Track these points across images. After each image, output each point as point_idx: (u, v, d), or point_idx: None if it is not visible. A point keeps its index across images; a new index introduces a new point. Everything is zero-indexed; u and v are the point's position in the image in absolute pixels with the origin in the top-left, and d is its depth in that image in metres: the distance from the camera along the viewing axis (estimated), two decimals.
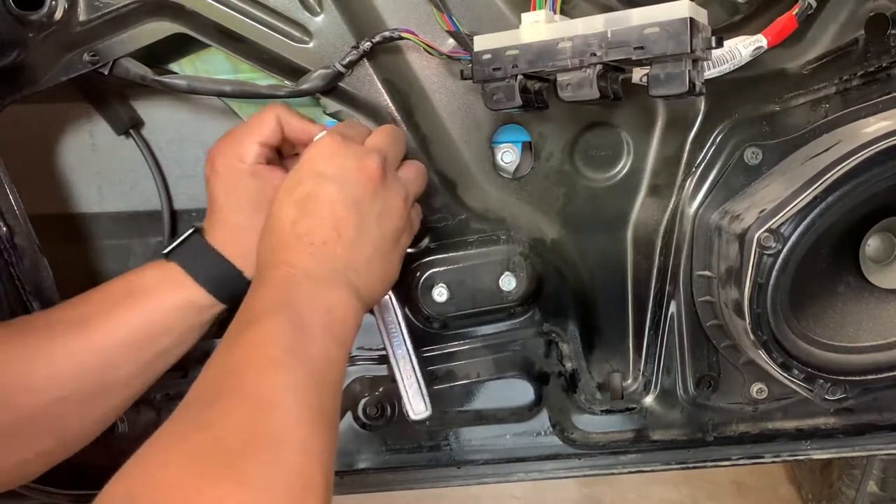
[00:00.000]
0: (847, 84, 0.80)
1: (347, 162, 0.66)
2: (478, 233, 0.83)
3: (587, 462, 0.91)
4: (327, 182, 0.65)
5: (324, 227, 0.64)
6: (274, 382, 0.54)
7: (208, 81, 0.79)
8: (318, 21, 0.76)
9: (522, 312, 0.87)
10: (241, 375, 0.55)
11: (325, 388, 0.57)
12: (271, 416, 0.52)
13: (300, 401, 0.54)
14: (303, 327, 0.58)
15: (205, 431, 0.50)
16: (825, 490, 1.64)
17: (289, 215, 0.65)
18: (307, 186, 0.65)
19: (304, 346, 0.57)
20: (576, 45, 0.64)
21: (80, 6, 0.74)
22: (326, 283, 0.63)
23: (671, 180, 0.83)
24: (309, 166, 0.67)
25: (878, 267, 0.78)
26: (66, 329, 0.70)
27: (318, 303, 0.61)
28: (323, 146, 0.67)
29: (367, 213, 0.66)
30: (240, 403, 0.53)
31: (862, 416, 0.91)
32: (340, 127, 0.72)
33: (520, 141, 0.83)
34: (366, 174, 0.66)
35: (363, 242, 0.65)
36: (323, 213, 0.64)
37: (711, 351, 0.87)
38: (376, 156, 0.67)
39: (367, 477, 0.90)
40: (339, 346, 0.61)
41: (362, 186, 0.66)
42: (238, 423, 0.51)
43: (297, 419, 0.53)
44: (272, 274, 0.63)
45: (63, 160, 0.89)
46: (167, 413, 0.85)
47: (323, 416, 0.55)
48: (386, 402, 0.86)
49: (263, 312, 0.59)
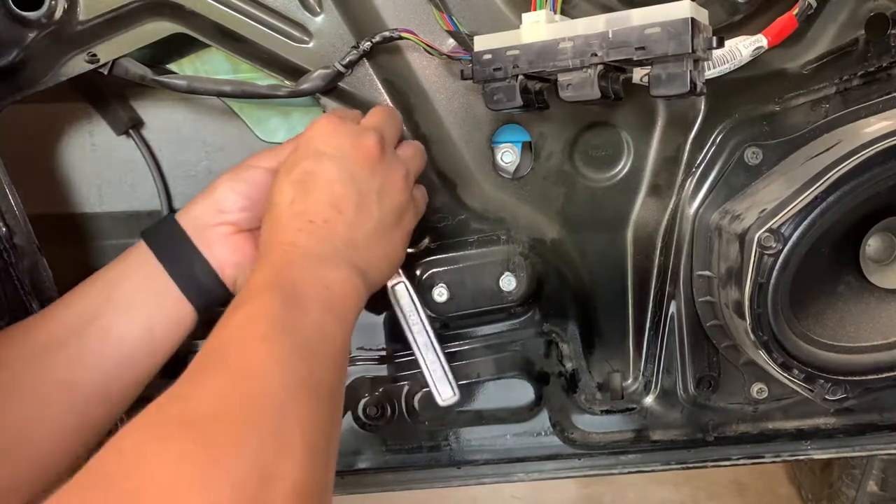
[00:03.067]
0: (847, 84, 0.80)
1: (344, 140, 0.66)
2: (478, 233, 0.83)
3: (587, 462, 0.91)
4: (325, 160, 0.65)
5: (323, 204, 0.64)
6: (257, 354, 0.52)
7: (208, 81, 0.79)
8: (318, 21, 0.76)
9: (522, 312, 0.87)
10: (225, 351, 0.53)
11: (316, 360, 0.54)
12: (249, 384, 0.50)
13: (283, 371, 0.51)
14: (296, 302, 0.56)
15: (177, 401, 0.49)
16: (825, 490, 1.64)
17: (287, 195, 0.64)
18: (305, 165, 0.65)
19: (294, 320, 0.55)
20: (577, 45, 0.64)
21: (80, 6, 0.74)
22: (326, 261, 0.62)
23: (671, 180, 0.83)
24: (306, 146, 0.67)
25: (878, 267, 0.78)
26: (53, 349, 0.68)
27: (315, 280, 0.60)
28: (320, 126, 0.67)
29: (367, 189, 0.65)
30: (217, 374, 0.51)
31: (862, 417, 0.91)
32: (336, 110, 0.72)
33: (520, 141, 0.83)
34: (363, 151, 0.66)
35: (363, 220, 0.65)
36: (322, 192, 0.64)
37: (712, 351, 0.87)
38: (373, 133, 0.67)
39: (367, 477, 0.90)
40: (338, 321, 0.59)
41: (360, 163, 0.65)
42: (212, 392, 0.49)
43: (278, 386, 0.50)
44: (271, 254, 0.62)
45: (63, 160, 0.89)
46: None
47: (310, 385, 0.52)
48: (386, 402, 0.85)
49: (257, 291, 0.58)
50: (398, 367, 0.85)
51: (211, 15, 0.75)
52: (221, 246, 0.72)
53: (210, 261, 0.71)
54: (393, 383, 0.86)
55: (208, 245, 0.71)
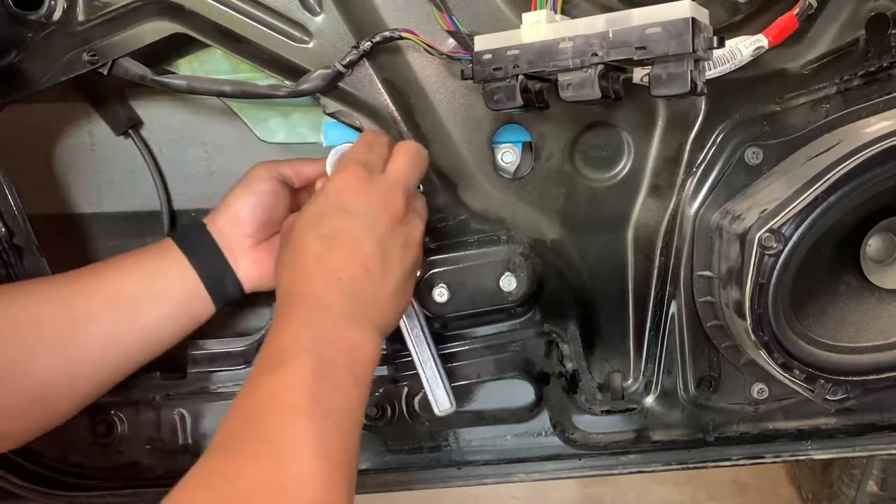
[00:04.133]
0: (848, 84, 0.80)
1: (375, 200, 0.66)
2: (478, 233, 0.83)
3: (588, 462, 0.91)
4: (354, 219, 0.65)
5: (352, 263, 0.64)
6: (295, 431, 0.55)
7: (208, 81, 0.78)
8: (318, 21, 0.76)
9: (523, 313, 0.87)
10: (263, 422, 0.56)
11: (346, 435, 0.59)
12: (290, 467, 0.54)
13: (320, 452, 0.55)
14: (326, 370, 0.59)
15: (227, 482, 0.53)
16: (825, 490, 1.64)
17: (314, 249, 0.64)
18: (334, 222, 0.65)
19: (327, 392, 0.58)
20: (577, 45, 0.64)
21: (80, 6, 0.74)
22: (351, 320, 0.63)
23: (672, 180, 0.83)
24: (335, 200, 0.67)
25: (878, 267, 0.78)
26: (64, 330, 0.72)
27: (343, 344, 0.62)
28: (349, 180, 0.67)
29: (392, 247, 0.66)
30: (259, 453, 0.55)
31: (863, 417, 0.91)
32: (361, 152, 0.70)
33: (520, 141, 0.83)
34: (391, 212, 0.66)
35: (388, 278, 0.66)
36: (350, 250, 0.64)
37: (712, 351, 0.87)
38: (401, 193, 0.67)
39: (367, 478, 0.90)
40: (360, 384, 0.62)
41: (387, 224, 0.66)
42: (257, 475, 0.53)
43: (316, 473, 0.54)
44: (296, 308, 0.63)
45: (63, 160, 0.89)
46: (166, 413, 0.86)
47: (341, 467, 0.56)
48: (386, 403, 0.85)
49: (288, 353, 0.59)
50: (398, 368, 0.85)
51: (211, 15, 0.74)
52: (247, 261, 0.77)
53: (238, 274, 0.77)
54: (393, 384, 0.85)
55: (235, 260, 0.77)
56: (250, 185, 0.77)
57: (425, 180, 0.79)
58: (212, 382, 0.87)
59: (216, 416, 0.87)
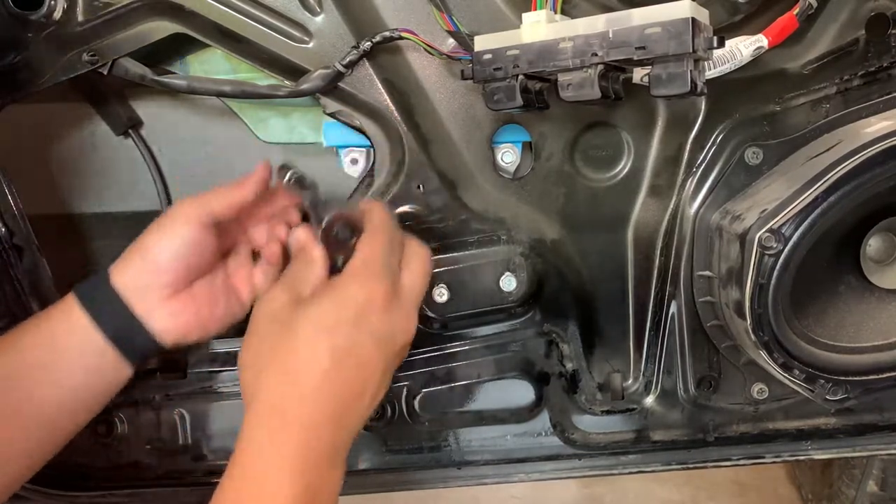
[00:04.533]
0: (848, 84, 0.80)
1: (396, 321, 0.64)
2: (478, 233, 0.83)
3: (588, 462, 0.91)
4: (370, 338, 0.62)
5: (360, 383, 0.62)
6: None
7: (208, 81, 0.78)
8: (318, 21, 0.76)
9: (523, 313, 0.87)
10: None
11: None
12: None
13: None
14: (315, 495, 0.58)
15: None
16: (825, 490, 1.64)
17: (322, 363, 0.60)
18: (353, 336, 0.61)
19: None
20: (577, 45, 0.64)
21: (80, 6, 0.74)
22: (343, 429, 0.61)
23: (672, 180, 0.83)
24: (359, 314, 0.62)
25: (878, 267, 0.78)
26: None
27: (331, 476, 0.60)
28: (376, 298, 0.62)
29: (393, 367, 0.66)
30: None
31: (863, 417, 0.91)
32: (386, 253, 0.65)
33: (520, 141, 0.83)
34: (407, 337, 0.65)
35: (379, 394, 0.64)
36: (359, 371, 0.62)
37: (712, 351, 0.87)
38: (416, 313, 0.66)
39: (367, 478, 0.90)
40: (341, 477, 0.61)
41: (400, 347, 0.65)
42: None
43: None
44: (290, 433, 0.59)
45: (63, 160, 0.89)
46: (167, 413, 0.86)
47: None
48: (386, 403, 0.85)
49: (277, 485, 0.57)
50: (398, 368, 0.85)
51: (211, 15, 0.75)
52: (163, 313, 0.69)
53: (150, 328, 0.69)
54: (393, 384, 0.85)
55: (149, 312, 0.68)
56: (172, 227, 0.68)
57: (426, 180, 0.79)
58: (212, 382, 0.87)
59: (216, 416, 0.88)
